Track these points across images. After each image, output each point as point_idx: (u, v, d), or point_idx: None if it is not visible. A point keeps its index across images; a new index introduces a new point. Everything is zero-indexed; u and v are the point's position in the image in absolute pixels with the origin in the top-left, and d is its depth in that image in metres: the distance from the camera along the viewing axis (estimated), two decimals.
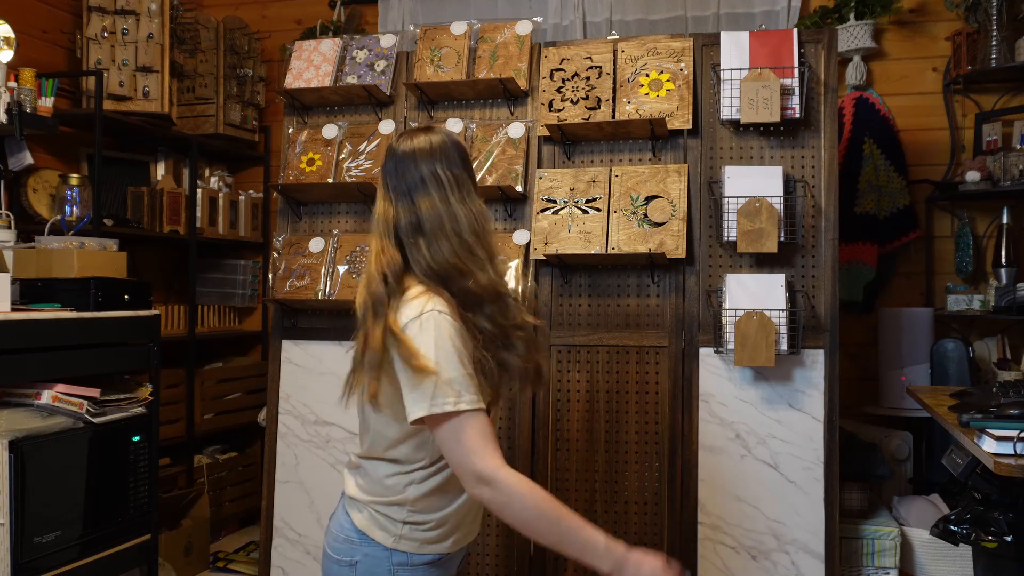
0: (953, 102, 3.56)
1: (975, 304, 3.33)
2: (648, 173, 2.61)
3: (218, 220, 3.92)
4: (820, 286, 2.51)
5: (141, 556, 2.55)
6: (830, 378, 2.46)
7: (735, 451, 2.49)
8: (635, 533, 2.56)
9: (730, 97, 2.55)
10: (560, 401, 2.64)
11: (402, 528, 1.60)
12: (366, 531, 1.60)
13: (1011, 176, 3.22)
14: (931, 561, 2.78)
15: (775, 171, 2.51)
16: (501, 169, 2.70)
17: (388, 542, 1.59)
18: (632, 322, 2.62)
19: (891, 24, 3.59)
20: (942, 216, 3.56)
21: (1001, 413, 1.95)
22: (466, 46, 2.84)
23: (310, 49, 2.98)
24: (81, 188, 2.91)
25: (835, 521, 2.44)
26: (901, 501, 3.02)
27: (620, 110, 2.65)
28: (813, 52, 2.58)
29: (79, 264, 2.53)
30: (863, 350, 3.58)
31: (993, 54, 3.27)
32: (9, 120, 2.82)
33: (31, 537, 2.14)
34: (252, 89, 4.09)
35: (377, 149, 2.81)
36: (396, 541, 1.59)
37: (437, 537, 1.61)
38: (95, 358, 2.45)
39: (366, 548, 1.60)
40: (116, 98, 3.53)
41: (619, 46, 2.73)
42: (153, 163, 3.91)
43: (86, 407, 2.35)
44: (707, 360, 2.54)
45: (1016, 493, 2.17)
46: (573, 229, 2.61)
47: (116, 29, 3.57)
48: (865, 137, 3.52)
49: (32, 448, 2.15)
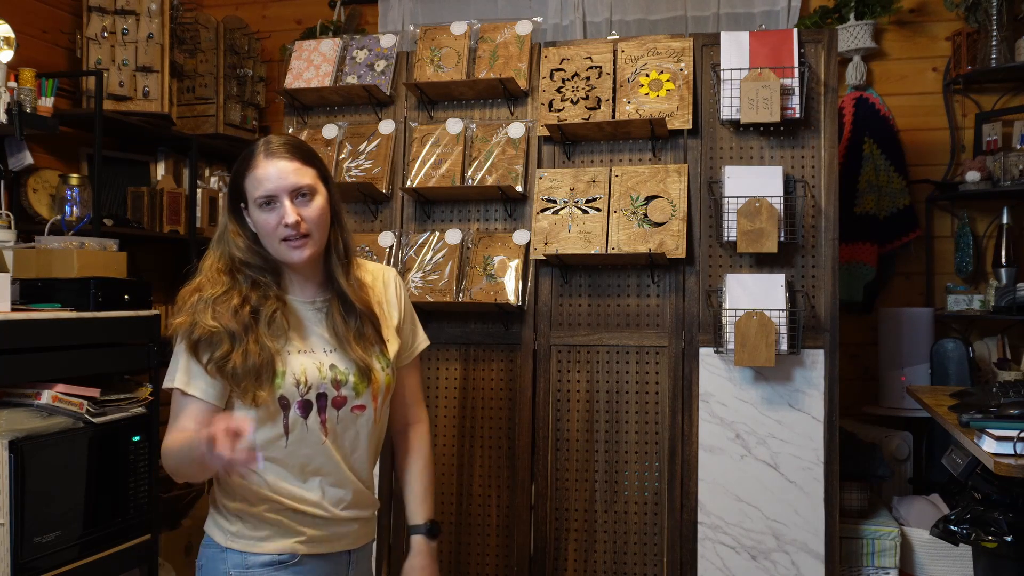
0: (953, 102, 3.56)
1: (975, 304, 3.33)
2: (648, 173, 2.61)
3: (218, 220, 3.91)
4: (820, 286, 2.51)
5: (141, 556, 2.55)
6: (830, 378, 2.46)
7: (735, 451, 2.49)
8: (635, 533, 2.56)
9: (730, 97, 2.55)
10: (560, 401, 2.64)
11: (233, 523, 1.60)
12: (206, 529, 1.65)
13: (1011, 176, 3.22)
14: (931, 561, 2.78)
15: (775, 171, 2.51)
16: (501, 169, 2.70)
17: (222, 540, 1.61)
18: (632, 322, 2.62)
19: (891, 24, 3.59)
20: (942, 216, 3.56)
21: (1001, 413, 1.95)
22: (466, 46, 2.84)
23: (310, 49, 2.98)
24: (81, 188, 2.91)
25: (835, 521, 2.44)
26: (901, 501, 3.02)
27: (620, 110, 2.65)
28: (813, 52, 2.58)
29: (79, 264, 2.53)
30: (863, 350, 3.58)
31: (993, 54, 3.27)
32: (9, 120, 2.82)
33: (31, 537, 2.14)
34: (252, 89, 4.09)
35: (377, 149, 2.81)
36: (228, 539, 1.60)
37: (268, 535, 1.58)
38: (95, 358, 2.45)
39: (206, 549, 1.64)
40: (116, 98, 3.53)
41: (619, 46, 2.73)
42: (153, 163, 3.91)
43: (86, 407, 2.35)
44: (707, 360, 2.54)
45: (1016, 493, 2.17)
46: (573, 229, 2.61)
47: (116, 29, 3.57)
48: (865, 137, 3.52)
49: (32, 448, 2.15)
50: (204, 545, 1.64)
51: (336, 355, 1.62)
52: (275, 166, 1.57)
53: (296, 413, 1.57)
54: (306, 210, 1.58)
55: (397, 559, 2.68)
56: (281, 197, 1.56)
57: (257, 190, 1.57)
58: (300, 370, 1.57)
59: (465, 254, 2.70)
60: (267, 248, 1.60)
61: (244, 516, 1.59)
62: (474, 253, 2.69)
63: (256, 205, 1.58)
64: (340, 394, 1.60)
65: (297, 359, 1.58)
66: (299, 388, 1.57)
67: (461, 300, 2.63)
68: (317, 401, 1.59)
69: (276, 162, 1.57)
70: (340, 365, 1.61)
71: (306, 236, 1.58)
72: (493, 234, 2.71)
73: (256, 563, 1.57)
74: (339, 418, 1.61)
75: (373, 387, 1.64)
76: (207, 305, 1.55)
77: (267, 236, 1.59)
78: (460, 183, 2.71)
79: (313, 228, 1.59)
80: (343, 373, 1.61)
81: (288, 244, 1.57)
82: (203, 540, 1.65)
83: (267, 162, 1.57)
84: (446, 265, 2.68)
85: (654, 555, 2.55)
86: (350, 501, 1.65)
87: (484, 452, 2.68)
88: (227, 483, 1.61)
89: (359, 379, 1.62)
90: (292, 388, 1.56)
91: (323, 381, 1.59)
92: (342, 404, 1.61)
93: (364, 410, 1.64)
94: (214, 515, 1.64)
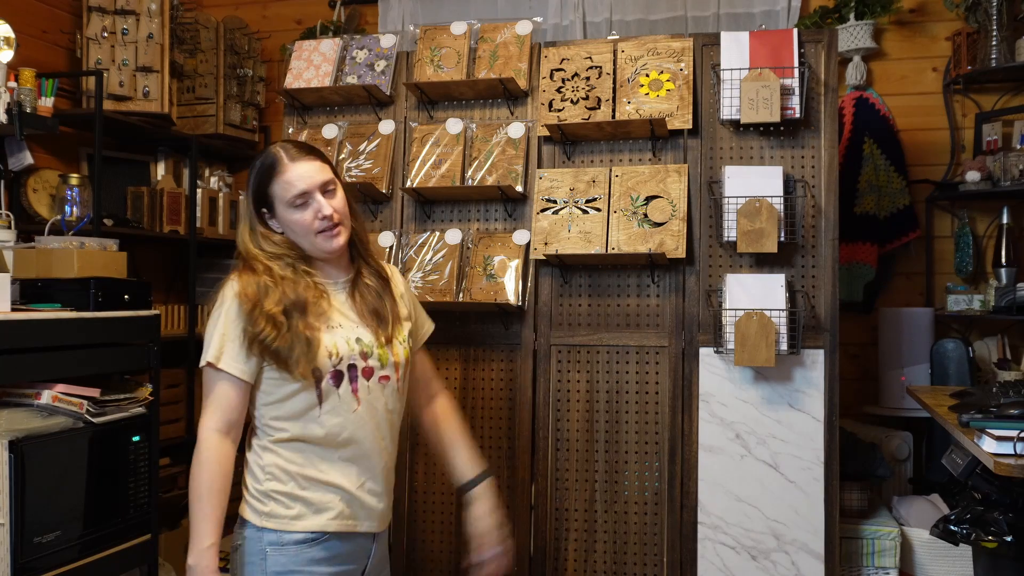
0: (953, 102, 3.56)
1: (975, 304, 3.33)
2: (648, 173, 2.61)
3: (218, 220, 3.92)
4: (820, 286, 2.51)
5: (141, 556, 2.55)
6: (830, 378, 2.46)
7: (735, 451, 2.49)
8: (635, 533, 2.56)
9: (730, 97, 2.55)
10: (560, 401, 2.64)
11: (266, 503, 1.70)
12: (241, 513, 1.74)
13: (1011, 176, 3.22)
14: (931, 561, 2.78)
15: (775, 171, 2.51)
16: (501, 169, 2.70)
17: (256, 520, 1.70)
18: (632, 322, 2.62)
19: (891, 24, 3.59)
20: (942, 216, 3.56)
21: (1001, 413, 1.95)
22: (466, 46, 2.84)
23: (310, 49, 2.98)
24: (81, 188, 2.91)
25: (835, 521, 2.44)
26: (901, 501, 3.02)
27: (620, 110, 2.65)
28: (813, 52, 2.58)
29: (79, 264, 2.53)
30: (863, 350, 3.58)
31: (993, 54, 3.27)
32: (9, 120, 2.82)
33: (31, 537, 2.14)
34: (252, 89, 4.09)
35: (377, 149, 2.81)
36: (262, 519, 1.69)
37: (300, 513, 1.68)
38: (95, 358, 2.45)
39: (243, 530, 1.73)
40: (116, 98, 3.53)
41: (619, 46, 2.73)
42: (153, 163, 3.91)
43: (86, 407, 2.34)
44: (707, 360, 2.54)
45: (1016, 493, 2.17)
46: (573, 229, 2.61)
47: (116, 29, 3.57)
48: (865, 137, 3.52)
49: (32, 448, 2.15)
50: (239, 526, 1.74)
51: (360, 330, 1.75)
52: (303, 167, 1.72)
53: (329, 383, 1.69)
54: (334, 202, 1.74)
55: (397, 557, 2.68)
56: (314, 193, 1.71)
57: (289, 192, 1.71)
58: (332, 343, 1.69)
59: (465, 254, 2.70)
60: (301, 243, 1.74)
61: (276, 496, 1.69)
62: (474, 253, 2.69)
63: (289, 206, 1.72)
64: (368, 364, 1.73)
65: (328, 335, 1.70)
66: (331, 359, 1.69)
67: (461, 300, 2.63)
68: (348, 372, 1.71)
69: (302, 163, 1.72)
70: (365, 338, 1.74)
71: (339, 224, 1.73)
72: (493, 234, 2.71)
73: (291, 541, 1.67)
74: (369, 388, 1.73)
75: (395, 357, 1.78)
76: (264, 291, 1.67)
77: (303, 232, 1.72)
78: (460, 183, 2.71)
79: (343, 217, 1.75)
80: (368, 346, 1.74)
81: (325, 235, 1.72)
82: (237, 522, 1.75)
83: (293, 165, 1.72)
84: (446, 265, 2.68)
85: (654, 555, 2.55)
86: (377, 477, 1.76)
87: (484, 452, 2.67)
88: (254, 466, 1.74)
89: (383, 351, 1.75)
90: (325, 360, 1.68)
91: (352, 353, 1.71)
92: (370, 374, 1.74)
93: (389, 380, 1.77)
94: (247, 499, 1.74)
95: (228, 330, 1.67)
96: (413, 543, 2.71)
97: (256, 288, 1.67)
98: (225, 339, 1.67)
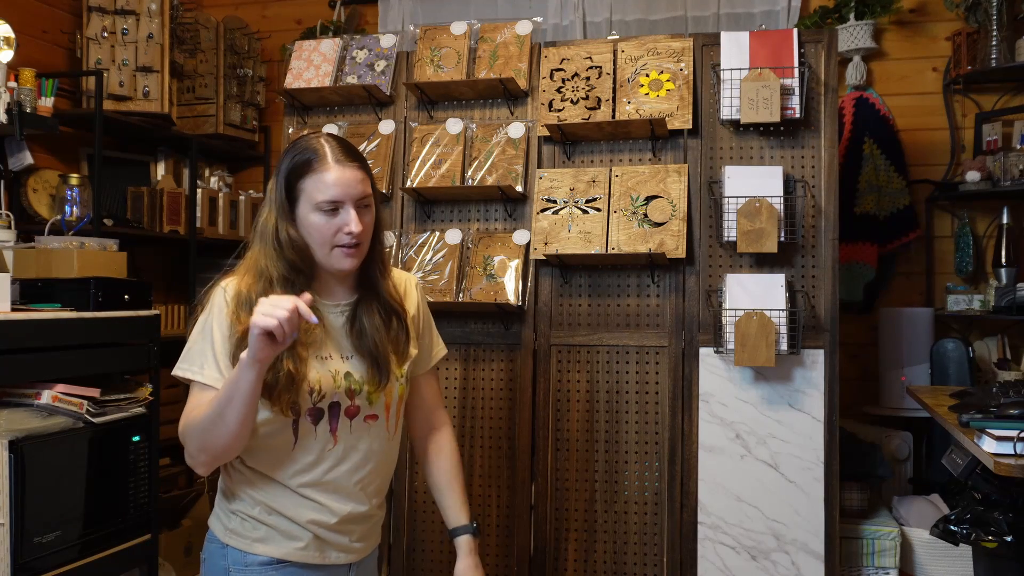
0: (953, 102, 3.56)
1: (975, 304, 3.33)
2: (648, 173, 2.61)
3: (218, 220, 3.92)
4: (820, 286, 2.51)
5: (141, 556, 2.55)
6: (830, 378, 2.46)
7: (735, 451, 2.49)
8: (635, 533, 2.56)
9: (730, 97, 2.55)
10: (560, 401, 2.64)
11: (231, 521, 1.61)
12: (209, 523, 1.66)
13: (1011, 176, 3.21)
14: (931, 561, 2.78)
15: (775, 171, 2.51)
16: (501, 169, 2.70)
17: (222, 536, 1.62)
18: (632, 322, 2.62)
19: (891, 24, 3.59)
20: (942, 216, 3.56)
21: (1001, 413, 1.95)
22: (466, 46, 2.84)
23: (310, 49, 2.98)
24: (81, 188, 2.91)
25: (835, 521, 2.44)
26: (901, 501, 3.02)
27: (620, 110, 2.65)
28: (813, 52, 2.58)
29: (79, 264, 2.53)
30: (863, 350, 3.58)
31: (993, 54, 3.27)
32: (9, 120, 2.82)
33: (31, 537, 2.14)
34: (252, 89, 4.09)
35: (377, 149, 2.81)
36: (227, 535, 1.61)
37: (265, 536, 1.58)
38: (95, 358, 2.45)
39: (209, 544, 1.65)
40: (116, 98, 3.53)
41: (619, 46, 2.73)
42: (153, 163, 3.91)
43: (86, 407, 2.35)
44: (707, 360, 2.54)
45: (1016, 493, 2.17)
46: (573, 229, 2.61)
47: (116, 29, 3.57)
48: (865, 137, 3.52)
49: (32, 448, 2.15)
50: (208, 540, 1.66)
51: (352, 362, 1.60)
52: (345, 172, 1.55)
53: (307, 420, 1.56)
54: (365, 219, 1.58)
55: (397, 558, 2.68)
56: (347, 205, 1.55)
57: (323, 194, 1.54)
58: (316, 379, 1.55)
59: (465, 254, 2.70)
60: (313, 251, 1.58)
61: (242, 516, 1.60)
62: (474, 253, 2.69)
63: (316, 208, 1.55)
64: (354, 404, 1.59)
65: (315, 367, 1.56)
66: (312, 396, 1.56)
67: (461, 300, 2.63)
68: (330, 410, 1.58)
69: (347, 169, 1.55)
70: (355, 374, 1.60)
71: (359, 245, 1.57)
72: (493, 234, 2.71)
73: (254, 562, 1.58)
74: (351, 427, 1.60)
75: (387, 397, 1.63)
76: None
77: (320, 240, 1.56)
78: (460, 183, 2.71)
79: (365, 238, 1.59)
80: (358, 383, 1.59)
81: (343, 251, 1.56)
82: (207, 534, 1.66)
83: (338, 167, 1.55)
84: (446, 265, 2.68)
85: (654, 555, 2.55)
86: (353, 517, 1.62)
87: (484, 452, 2.68)
88: (224, 484, 1.63)
89: (373, 389, 1.60)
90: (305, 395, 1.55)
91: (337, 391, 1.58)
92: (355, 414, 1.60)
93: (376, 420, 1.63)
94: (217, 511, 1.65)
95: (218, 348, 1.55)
96: (413, 544, 2.71)
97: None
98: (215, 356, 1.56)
